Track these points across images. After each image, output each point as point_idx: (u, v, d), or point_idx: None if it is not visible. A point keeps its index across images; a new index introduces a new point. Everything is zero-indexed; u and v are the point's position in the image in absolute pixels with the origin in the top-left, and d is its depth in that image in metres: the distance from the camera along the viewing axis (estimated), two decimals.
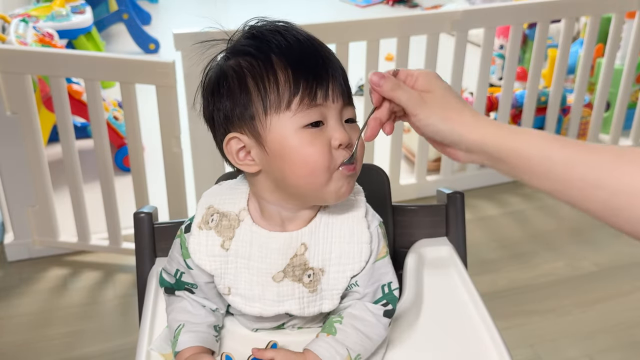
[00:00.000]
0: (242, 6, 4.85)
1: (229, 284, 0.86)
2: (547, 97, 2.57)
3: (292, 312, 0.86)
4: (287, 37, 0.84)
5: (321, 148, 0.81)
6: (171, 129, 1.92)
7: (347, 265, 0.86)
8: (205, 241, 0.87)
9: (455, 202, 1.13)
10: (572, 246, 2.24)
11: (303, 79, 0.80)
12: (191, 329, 0.88)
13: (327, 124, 0.82)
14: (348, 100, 0.84)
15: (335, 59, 0.85)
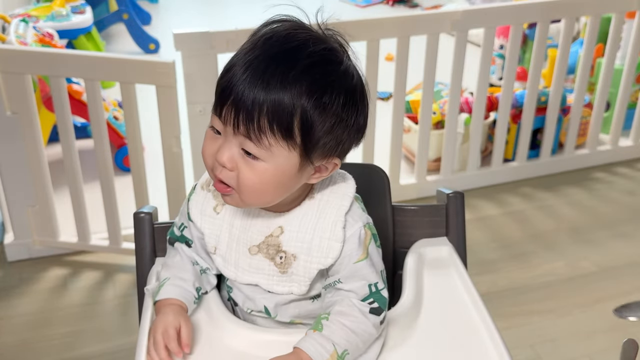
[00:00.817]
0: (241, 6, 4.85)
1: (215, 244, 0.95)
2: (547, 97, 2.57)
3: (261, 285, 0.93)
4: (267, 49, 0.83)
5: (209, 151, 0.86)
6: (171, 129, 1.92)
7: (315, 258, 0.90)
8: (202, 200, 0.96)
9: (455, 202, 1.13)
10: (572, 246, 2.24)
11: (220, 87, 0.83)
12: (175, 283, 0.95)
13: (223, 137, 0.85)
14: (246, 133, 0.81)
15: (275, 98, 0.80)
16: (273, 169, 0.84)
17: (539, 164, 2.66)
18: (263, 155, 0.83)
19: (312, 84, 0.81)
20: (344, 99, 0.83)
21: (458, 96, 2.38)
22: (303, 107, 0.81)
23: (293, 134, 0.82)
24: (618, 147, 2.78)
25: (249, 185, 0.84)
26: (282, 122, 0.81)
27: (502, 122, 2.51)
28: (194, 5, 4.91)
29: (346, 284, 0.91)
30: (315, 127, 0.82)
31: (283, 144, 0.82)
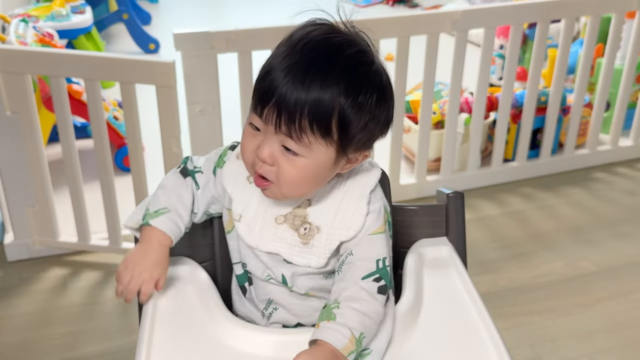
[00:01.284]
0: (241, 6, 4.85)
1: (241, 212, 0.99)
2: (547, 97, 2.57)
3: (282, 254, 0.97)
4: (306, 53, 0.87)
5: (249, 147, 0.92)
6: (171, 129, 1.92)
7: (338, 230, 0.96)
8: (236, 169, 1.01)
9: (455, 202, 1.13)
10: (572, 246, 2.24)
11: (261, 91, 0.88)
12: (173, 218, 0.99)
13: (263, 134, 0.90)
14: (287, 132, 0.87)
15: (316, 98, 0.85)
16: (312, 163, 0.90)
17: (539, 164, 2.66)
18: (303, 152, 0.89)
19: (349, 86, 0.87)
20: (376, 97, 0.90)
21: (458, 96, 2.38)
22: (341, 108, 0.87)
23: (331, 132, 0.88)
24: (618, 147, 2.78)
25: (289, 179, 0.90)
26: (322, 122, 0.87)
27: (502, 122, 2.51)
28: (194, 5, 4.91)
29: (356, 255, 0.95)
30: (351, 125, 0.89)
31: (322, 141, 0.88)
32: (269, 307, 1.04)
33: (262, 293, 1.03)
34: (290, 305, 1.02)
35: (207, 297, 1.00)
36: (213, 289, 1.02)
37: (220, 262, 1.12)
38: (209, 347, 0.91)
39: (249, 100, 0.93)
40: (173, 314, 0.96)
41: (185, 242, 1.09)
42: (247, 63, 2.01)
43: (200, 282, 1.03)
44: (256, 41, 2.01)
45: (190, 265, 1.06)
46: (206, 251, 1.12)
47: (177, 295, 1.00)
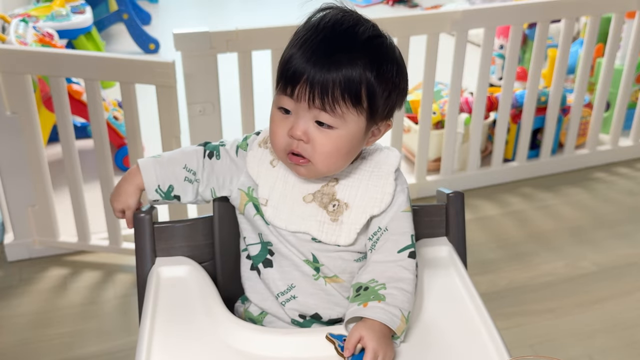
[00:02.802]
0: (241, 6, 4.85)
1: (267, 196, 1.02)
2: (547, 97, 2.57)
3: (312, 232, 0.99)
4: (329, 31, 0.93)
5: (281, 131, 0.96)
6: (171, 129, 1.92)
7: (369, 205, 1.00)
8: (260, 155, 1.04)
9: (455, 202, 1.13)
10: (572, 246, 2.24)
11: (291, 71, 0.92)
12: (163, 164, 1.07)
13: (294, 114, 0.95)
14: (321, 106, 0.92)
15: (352, 68, 0.91)
16: (345, 134, 0.94)
17: (539, 164, 2.66)
18: (337, 124, 0.93)
19: (373, 56, 0.93)
20: (396, 67, 0.97)
21: (458, 96, 2.38)
22: (368, 77, 0.92)
23: (361, 100, 0.93)
24: (618, 147, 2.78)
25: (325, 152, 0.95)
26: (352, 92, 0.92)
27: (502, 122, 2.51)
28: (194, 5, 4.92)
29: (391, 230, 1.01)
30: (377, 94, 0.94)
31: (353, 110, 0.93)
32: (287, 293, 1.03)
33: (285, 278, 1.03)
34: (312, 296, 1.03)
35: (207, 297, 1.00)
36: (213, 289, 1.02)
37: (221, 262, 1.12)
38: (209, 347, 0.91)
39: (249, 100, 0.94)
40: (173, 314, 0.96)
41: (185, 242, 1.09)
42: (247, 63, 2.01)
43: (200, 282, 1.03)
44: (256, 41, 2.01)
45: (190, 265, 1.06)
46: (206, 251, 1.12)
47: (177, 295, 1.00)
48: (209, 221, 1.11)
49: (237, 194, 1.05)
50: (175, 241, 1.08)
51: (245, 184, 1.04)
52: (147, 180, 1.06)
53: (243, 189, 1.04)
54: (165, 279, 1.03)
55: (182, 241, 1.07)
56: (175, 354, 0.89)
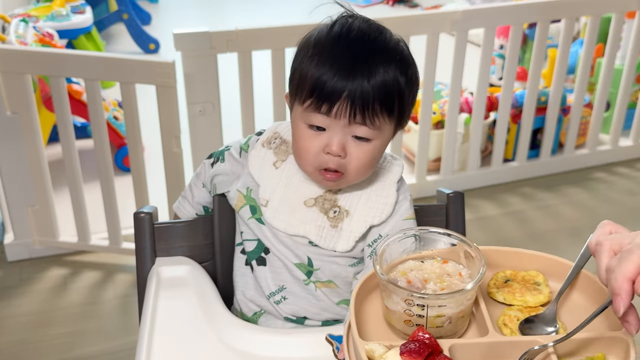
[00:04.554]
0: (241, 6, 4.85)
1: (268, 197, 1.01)
2: (547, 97, 2.57)
3: (310, 237, 0.99)
4: (360, 44, 0.92)
5: (314, 148, 0.94)
6: (171, 129, 1.92)
7: (369, 215, 0.99)
8: (262, 156, 1.04)
9: (455, 202, 1.13)
10: (572, 246, 2.24)
11: (328, 89, 0.90)
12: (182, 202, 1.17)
13: (329, 131, 0.93)
14: (362, 120, 0.91)
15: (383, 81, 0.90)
16: (379, 144, 0.95)
17: (539, 164, 2.66)
18: (374, 135, 0.93)
19: (400, 65, 0.93)
20: (415, 70, 0.98)
21: (458, 96, 2.38)
22: (400, 83, 0.93)
23: (394, 109, 0.93)
24: (618, 147, 2.78)
25: (361, 164, 0.94)
26: (389, 102, 0.92)
27: (502, 122, 2.52)
28: (194, 5, 4.91)
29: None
30: (406, 98, 0.95)
31: (387, 120, 0.94)
32: (277, 294, 1.04)
33: (277, 279, 1.04)
34: (302, 299, 1.03)
35: (207, 297, 1.00)
36: (213, 289, 1.02)
37: (220, 262, 1.12)
38: (208, 347, 0.91)
39: (249, 100, 0.94)
40: (173, 314, 0.96)
41: (185, 243, 1.09)
42: (247, 63, 2.01)
43: (200, 282, 1.03)
44: (256, 41, 2.01)
45: (190, 265, 1.06)
46: (206, 251, 1.12)
47: (177, 295, 1.00)
48: (208, 221, 1.11)
49: (235, 194, 1.05)
50: (175, 241, 1.08)
51: (245, 185, 1.04)
52: (185, 217, 1.14)
53: (241, 191, 1.04)
54: (165, 278, 1.03)
55: (182, 241, 1.07)
56: (175, 354, 0.89)
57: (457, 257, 0.84)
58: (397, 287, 0.76)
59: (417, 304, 0.76)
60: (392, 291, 0.77)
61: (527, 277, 0.88)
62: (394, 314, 0.79)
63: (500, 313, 0.83)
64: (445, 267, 0.83)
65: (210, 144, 2.06)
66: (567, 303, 0.85)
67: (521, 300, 0.84)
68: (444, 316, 0.77)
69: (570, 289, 0.86)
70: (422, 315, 0.76)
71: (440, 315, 0.77)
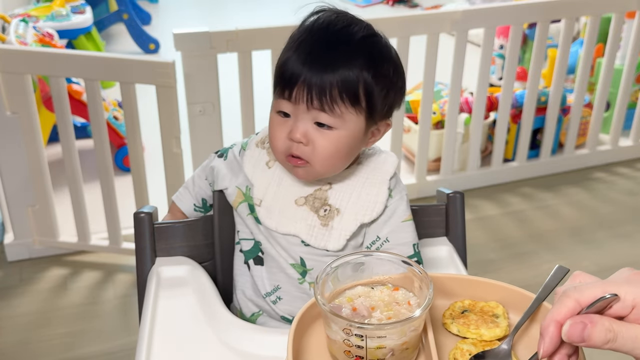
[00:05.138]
0: (241, 6, 4.85)
1: (261, 196, 1.02)
2: (547, 97, 2.57)
3: (301, 235, 0.99)
4: (323, 33, 0.94)
5: (280, 134, 0.96)
6: (171, 129, 1.92)
7: (360, 213, 0.99)
8: (257, 156, 1.05)
9: (455, 202, 1.13)
10: (572, 246, 2.24)
11: (287, 74, 0.93)
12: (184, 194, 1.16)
13: (293, 117, 0.95)
14: (320, 106, 0.92)
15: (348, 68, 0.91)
16: (345, 134, 0.94)
17: (539, 164, 2.66)
18: (337, 124, 0.93)
19: (368, 55, 0.93)
20: (393, 66, 0.96)
21: (458, 96, 2.38)
22: (365, 76, 0.92)
23: (359, 99, 0.93)
24: (618, 147, 2.78)
25: (325, 153, 0.94)
26: (350, 91, 0.92)
27: (502, 122, 2.51)
28: (194, 5, 4.91)
29: (393, 242, 1.00)
30: (375, 91, 0.94)
31: (352, 110, 0.93)
32: (273, 294, 1.04)
33: (272, 278, 1.04)
34: (296, 299, 1.03)
35: (207, 297, 1.00)
36: (213, 289, 1.02)
37: (221, 262, 1.12)
38: (209, 347, 0.91)
39: (249, 100, 0.95)
40: (173, 314, 0.96)
41: (185, 242, 1.09)
42: (247, 63, 2.01)
43: (200, 282, 1.03)
44: (256, 41, 2.01)
45: (190, 265, 1.06)
46: (206, 251, 1.12)
47: (177, 295, 1.00)
48: (209, 221, 1.11)
49: (234, 190, 1.06)
50: (175, 241, 1.08)
51: (244, 183, 1.05)
52: (183, 207, 1.16)
53: (241, 188, 1.05)
54: (165, 279, 1.03)
55: (182, 241, 1.07)
56: (175, 354, 0.89)
57: (410, 284, 0.78)
58: (334, 315, 0.72)
59: (355, 334, 0.71)
60: (330, 319, 0.73)
61: (486, 309, 0.82)
62: (334, 343, 0.74)
63: (454, 346, 0.78)
64: (394, 295, 0.79)
65: (210, 144, 2.05)
66: (526, 338, 0.78)
67: (476, 333, 0.78)
68: (385, 347, 0.72)
69: (530, 322, 0.79)
70: (361, 346, 0.72)
71: (381, 346, 0.72)
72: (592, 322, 0.57)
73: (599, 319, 0.58)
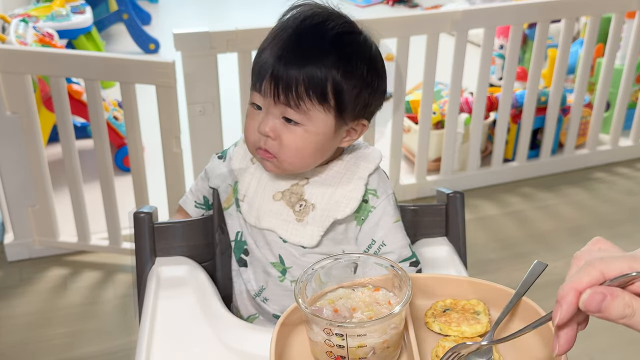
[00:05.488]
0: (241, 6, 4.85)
1: (244, 192, 1.03)
2: (547, 97, 2.57)
3: (277, 230, 0.99)
4: (296, 27, 0.93)
5: (252, 126, 0.96)
6: (171, 129, 1.92)
7: (333, 209, 0.98)
8: (243, 152, 1.05)
9: (455, 202, 1.13)
10: (572, 246, 2.24)
11: (258, 66, 0.94)
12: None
13: (263, 110, 0.95)
14: (285, 101, 0.91)
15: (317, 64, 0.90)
16: (312, 131, 0.93)
17: (539, 164, 2.66)
18: (303, 120, 0.92)
19: (340, 52, 0.92)
20: (367, 65, 0.95)
21: (458, 96, 2.38)
22: (334, 74, 0.91)
23: (327, 97, 0.92)
24: (618, 147, 2.78)
25: (292, 148, 0.94)
26: (317, 88, 0.90)
27: (502, 122, 2.51)
28: (194, 5, 4.91)
29: (389, 246, 0.99)
30: (344, 92, 0.92)
31: (319, 107, 0.92)
32: (260, 294, 1.05)
33: (257, 279, 1.05)
34: (282, 297, 1.03)
35: (206, 297, 1.00)
36: (213, 289, 1.02)
37: (221, 262, 1.12)
38: (208, 347, 0.91)
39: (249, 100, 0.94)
40: (173, 314, 0.96)
41: (184, 242, 1.09)
42: (247, 63, 2.01)
43: (200, 282, 1.03)
44: (256, 41, 1.99)
45: (190, 265, 1.06)
46: (206, 251, 1.12)
47: (177, 295, 1.00)
48: (208, 221, 1.11)
49: (227, 189, 1.06)
50: (174, 241, 1.08)
51: (234, 180, 1.06)
52: (186, 207, 1.17)
53: (232, 185, 1.06)
54: (164, 279, 1.03)
55: (181, 241, 1.07)
56: (174, 354, 0.89)
57: (391, 284, 0.79)
58: (315, 316, 0.73)
59: (335, 334, 0.72)
60: (311, 321, 0.74)
61: (468, 307, 0.84)
62: (316, 345, 0.75)
63: (436, 344, 0.79)
64: (375, 295, 0.79)
65: (210, 144, 2.06)
66: (506, 333, 0.79)
67: (457, 330, 0.80)
68: (366, 346, 0.73)
69: (510, 317, 0.81)
70: (342, 346, 0.73)
71: (362, 345, 0.73)
72: (612, 295, 0.57)
73: (620, 292, 0.57)
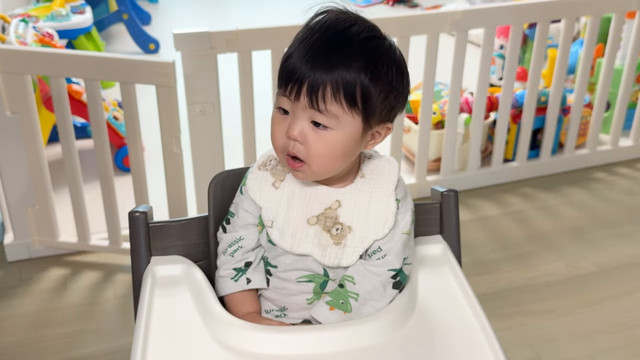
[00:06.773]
0: (241, 6, 4.85)
1: (272, 217, 1.02)
2: (547, 97, 2.57)
3: (314, 255, 0.99)
4: (324, 32, 0.94)
5: (279, 131, 0.96)
6: (171, 129, 1.92)
7: (372, 229, 0.99)
8: (261, 178, 1.04)
9: (449, 200, 1.14)
10: (572, 246, 2.24)
11: (287, 70, 0.94)
12: (257, 268, 1.07)
13: (291, 114, 0.95)
14: (315, 106, 0.92)
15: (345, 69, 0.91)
16: (341, 136, 0.94)
17: (539, 164, 2.66)
18: (332, 124, 0.93)
19: (368, 57, 0.93)
20: (394, 69, 0.97)
21: (458, 96, 2.38)
22: (362, 78, 0.92)
23: (356, 101, 0.93)
24: (618, 147, 2.78)
25: (320, 153, 0.94)
26: (346, 93, 0.92)
27: (502, 122, 2.51)
28: (194, 5, 4.92)
29: (388, 252, 1.00)
30: (372, 96, 0.94)
31: (348, 112, 0.93)
32: (276, 311, 1.07)
33: (279, 301, 1.06)
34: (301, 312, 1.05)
35: (202, 296, 1.00)
36: (208, 288, 1.02)
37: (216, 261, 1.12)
38: (204, 346, 0.91)
39: (249, 100, 0.96)
40: (168, 313, 0.96)
41: (180, 241, 1.09)
42: (247, 63, 2.02)
43: (195, 281, 1.03)
44: (256, 41, 2.02)
45: (185, 264, 1.07)
46: (201, 250, 1.12)
47: (172, 294, 1.00)
48: (203, 220, 1.11)
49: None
50: (170, 240, 1.09)
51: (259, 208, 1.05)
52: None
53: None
54: (160, 277, 1.03)
55: (177, 240, 1.07)
56: (170, 353, 0.90)
57: None
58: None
59: None
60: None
61: None
62: None
63: None
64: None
65: (210, 144, 2.06)
66: None
67: None
68: None
69: None
70: None
71: None
72: None
73: None
